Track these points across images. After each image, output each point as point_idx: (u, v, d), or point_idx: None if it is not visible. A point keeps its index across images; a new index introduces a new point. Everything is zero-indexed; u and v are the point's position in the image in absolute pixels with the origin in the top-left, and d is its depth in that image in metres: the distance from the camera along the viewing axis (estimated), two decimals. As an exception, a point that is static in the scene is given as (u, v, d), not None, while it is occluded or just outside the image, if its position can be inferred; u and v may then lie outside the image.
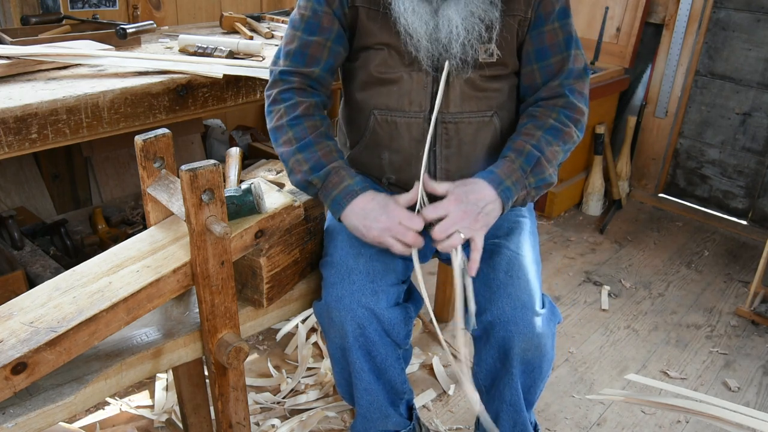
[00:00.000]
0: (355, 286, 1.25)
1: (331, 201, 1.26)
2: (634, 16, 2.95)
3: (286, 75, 1.32)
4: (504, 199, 1.25)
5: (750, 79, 2.81)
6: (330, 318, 1.28)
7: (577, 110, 1.35)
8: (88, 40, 1.85)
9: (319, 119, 1.31)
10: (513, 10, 1.28)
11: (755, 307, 2.29)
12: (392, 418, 1.41)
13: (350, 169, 1.29)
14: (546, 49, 1.33)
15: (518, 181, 1.27)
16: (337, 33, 1.31)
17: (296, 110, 1.29)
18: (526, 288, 1.27)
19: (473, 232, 1.21)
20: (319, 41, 1.31)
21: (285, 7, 2.88)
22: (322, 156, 1.27)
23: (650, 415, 1.82)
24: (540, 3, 1.30)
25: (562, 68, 1.33)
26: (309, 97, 1.32)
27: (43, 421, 0.98)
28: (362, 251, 1.29)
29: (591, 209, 3.07)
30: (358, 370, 1.32)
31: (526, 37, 1.33)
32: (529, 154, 1.28)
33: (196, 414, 1.44)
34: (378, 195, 1.26)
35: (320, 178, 1.26)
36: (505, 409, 1.34)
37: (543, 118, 1.32)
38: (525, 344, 1.25)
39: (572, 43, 1.34)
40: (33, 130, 1.42)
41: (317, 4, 1.30)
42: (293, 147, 1.28)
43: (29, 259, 1.93)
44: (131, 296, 1.01)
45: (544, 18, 1.31)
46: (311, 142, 1.28)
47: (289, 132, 1.29)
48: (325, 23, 1.30)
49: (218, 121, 2.88)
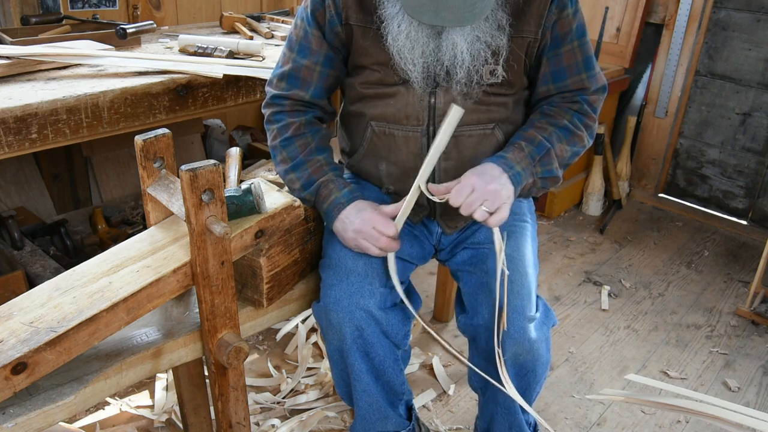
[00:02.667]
0: (353, 288, 1.25)
1: (323, 213, 1.32)
2: (634, 16, 2.95)
3: (278, 99, 1.36)
4: (514, 183, 1.24)
5: (750, 79, 2.81)
6: (328, 320, 1.28)
7: (590, 117, 1.35)
8: (88, 40, 1.85)
9: (310, 135, 1.34)
10: (522, 31, 1.25)
11: (755, 307, 2.29)
12: (391, 419, 1.40)
13: (340, 180, 1.31)
14: (563, 71, 1.31)
15: (527, 168, 1.26)
16: (326, 56, 1.32)
17: (287, 131, 1.34)
18: (518, 293, 1.26)
19: (499, 203, 1.19)
20: (309, 65, 1.32)
21: (285, 7, 2.87)
22: (312, 172, 1.32)
23: (650, 415, 1.82)
24: (556, 23, 1.26)
25: (579, 89, 1.33)
26: (301, 116, 1.35)
27: (43, 421, 0.98)
28: (361, 253, 1.29)
29: (591, 209, 3.07)
30: (357, 372, 1.32)
31: (543, 59, 1.30)
32: (540, 144, 1.28)
33: (196, 414, 1.44)
34: (361, 203, 1.28)
35: (311, 193, 1.32)
36: (500, 411, 1.34)
37: (557, 117, 1.32)
38: (516, 348, 1.25)
39: (591, 63, 1.32)
40: (33, 130, 1.42)
41: (308, 26, 1.31)
42: (287, 166, 1.34)
43: (29, 259, 1.93)
44: (131, 296, 1.01)
45: (561, 39, 1.28)
46: (302, 161, 1.33)
47: (282, 152, 1.35)
48: (315, 46, 1.31)
49: (218, 121, 2.88)
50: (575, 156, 1.35)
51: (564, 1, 1.25)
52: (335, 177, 1.32)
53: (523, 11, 1.23)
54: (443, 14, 1.07)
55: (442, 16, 1.07)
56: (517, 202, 1.45)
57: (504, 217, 1.20)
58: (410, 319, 1.36)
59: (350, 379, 1.34)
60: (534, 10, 1.23)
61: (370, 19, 1.24)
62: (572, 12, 1.27)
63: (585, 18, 1.35)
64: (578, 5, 1.29)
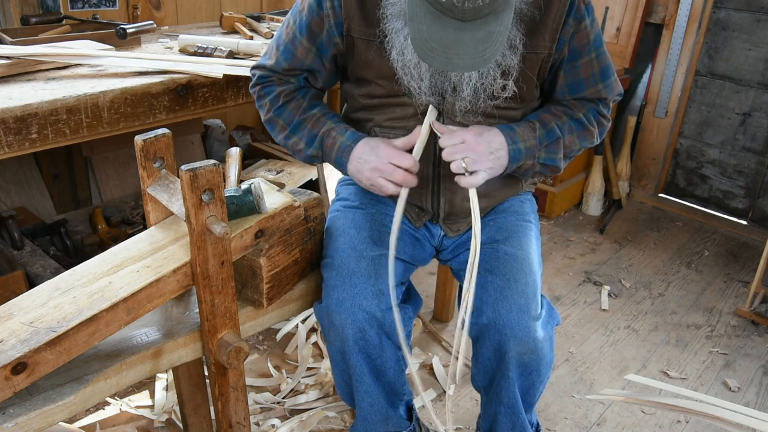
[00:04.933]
0: (356, 289, 1.25)
1: (334, 163, 1.32)
2: (634, 16, 2.95)
3: (265, 75, 1.38)
4: (511, 157, 1.24)
5: (750, 79, 2.81)
6: (330, 321, 1.28)
7: (603, 116, 1.36)
8: (88, 40, 1.85)
9: (301, 97, 1.36)
10: (537, 47, 1.23)
11: (755, 307, 2.29)
12: (393, 419, 1.40)
13: (340, 125, 1.32)
14: (581, 83, 1.31)
15: (531, 149, 1.26)
16: (308, 67, 1.33)
17: (278, 101, 1.35)
18: (523, 291, 1.26)
19: (478, 166, 1.21)
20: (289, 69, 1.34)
21: (285, 7, 2.88)
22: (311, 128, 1.33)
23: (650, 415, 1.82)
24: (573, 36, 1.25)
25: (596, 98, 1.33)
26: (290, 84, 1.37)
27: (43, 421, 0.98)
28: (364, 254, 1.29)
29: (591, 209, 3.07)
30: (359, 373, 1.32)
31: (560, 72, 1.30)
32: (552, 131, 1.28)
33: (196, 414, 1.44)
34: (372, 140, 1.28)
35: (316, 148, 1.32)
36: (503, 411, 1.34)
37: (573, 109, 1.33)
38: (521, 347, 1.25)
39: (608, 73, 1.32)
40: (33, 130, 1.42)
41: (299, 32, 1.31)
42: (286, 132, 1.35)
43: (29, 259, 1.93)
44: (131, 296, 1.01)
45: (579, 51, 1.27)
46: (299, 122, 1.34)
47: (278, 120, 1.36)
48: (299, 54, 1.32)
49: (218, 121, 2.88)
50: (580, 150, 1.36)
51: (581, 13, 1.23)
52: (335, 124, 1.32)
53: (538, 26, 1.21)
54: (455, 61, 1.05)
55: (453, 63, 1.06)
56: (519, 201, 1.46)
57: (476, 183, 1.21)
58: (412, 320, 1.36)
59: (352, 379, 1.34)
60: (549, 23, 1.22)
61: (374, 32, 1.23)
62: (590, 23, 1.26)
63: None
64: (594, 14, 1.27)
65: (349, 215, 1.38)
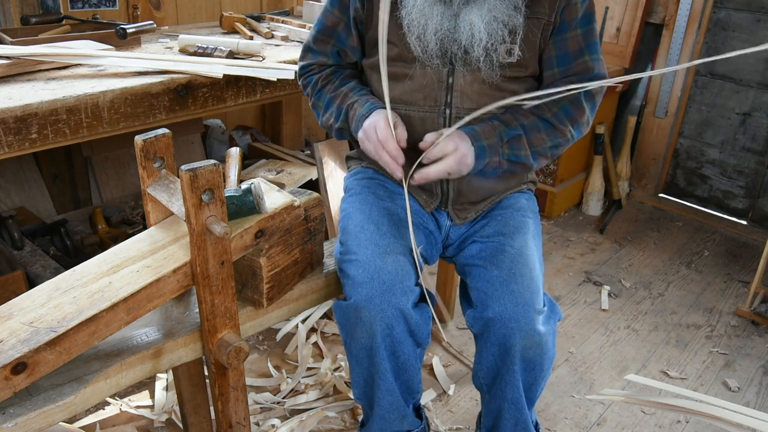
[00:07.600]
0: (385, 286, 1.25)
1: (354, 133, 1.37)
2: (634, 16, 2.95)
3: (305, 68, 1.49)
4: (476, 155, 1.29)
5: (750, 79, 2.81)
6: (358, 318, 1.27)
7: (579, 110, 1.36)
8: (88, 40, 1.85)
9: (336, 78, 1.45)
10: (537, 13, 1.30)
11: (755, 307, 2.29)
12: (408, 418, 1.41)
13: (363, 98, 1.37)
14: (568, 55, 1.34)
15: (493, 146, 1.31)
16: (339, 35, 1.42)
17: (317, 85, 1.46)
18: (528, 286, 1.28)
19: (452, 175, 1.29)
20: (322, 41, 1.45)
21: (285, 7, 2.87)
22: (339, 103, 1.41)
23: (650, 415, 1.82)
24: (564, 9, 1.31)
25: (583, 71, 1.36)
26: (326, 69, 1.47)
27: (43, 421, 0.98)
28: (389, 249, 1.30)
29: (591, 209, 3.07)
30: (383, 371, 1.32)
31: (549, 42, 1.34)
32: (514, 129, 1.32)
33: (196, 414, 1.44)
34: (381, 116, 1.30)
35: (342, 121, 1.40)
36: (507, 407, 1.34)
37: (542, 109, 1.35)
38: (526, 341, 1.25)
39: (595, 48, 1.36)
40: (33, 130, 1.42)
41: (330, 5, 1.42)
42: (323, 111, 1.45)
43: (29, 259, 1.93)
44: (131, 296, 1.01)
45: (567, 24, 1.32)
46: (330, 99, 1.43)
47: (318, 103, 1.46)
48: (329, 23, 1.42)
49: (218, 121, 2.88)
50: (557, 148, 1.38)
51: None
52: (359, 97, 1.37)
53: None
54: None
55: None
56: (524, 199, 1.50)
57: (429, 178, 1.27)
58: (430, 319, 1.37)
59: (374, 378, 1.34)
60: None
61: None
62: (581, 1, 1.32)
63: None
64: None
65: (365, 210, 1.40)
